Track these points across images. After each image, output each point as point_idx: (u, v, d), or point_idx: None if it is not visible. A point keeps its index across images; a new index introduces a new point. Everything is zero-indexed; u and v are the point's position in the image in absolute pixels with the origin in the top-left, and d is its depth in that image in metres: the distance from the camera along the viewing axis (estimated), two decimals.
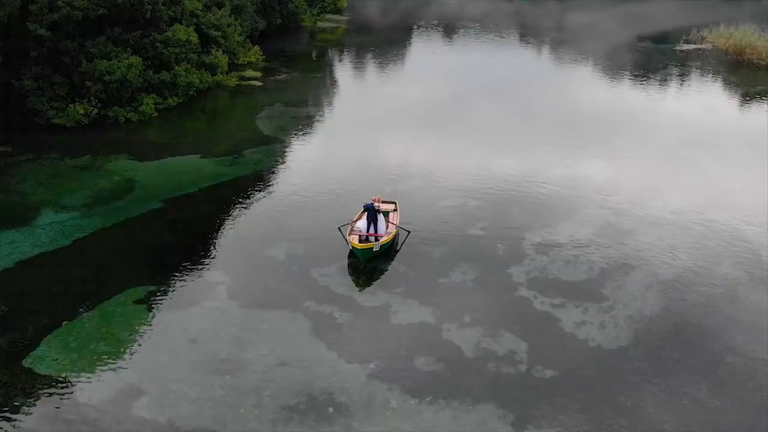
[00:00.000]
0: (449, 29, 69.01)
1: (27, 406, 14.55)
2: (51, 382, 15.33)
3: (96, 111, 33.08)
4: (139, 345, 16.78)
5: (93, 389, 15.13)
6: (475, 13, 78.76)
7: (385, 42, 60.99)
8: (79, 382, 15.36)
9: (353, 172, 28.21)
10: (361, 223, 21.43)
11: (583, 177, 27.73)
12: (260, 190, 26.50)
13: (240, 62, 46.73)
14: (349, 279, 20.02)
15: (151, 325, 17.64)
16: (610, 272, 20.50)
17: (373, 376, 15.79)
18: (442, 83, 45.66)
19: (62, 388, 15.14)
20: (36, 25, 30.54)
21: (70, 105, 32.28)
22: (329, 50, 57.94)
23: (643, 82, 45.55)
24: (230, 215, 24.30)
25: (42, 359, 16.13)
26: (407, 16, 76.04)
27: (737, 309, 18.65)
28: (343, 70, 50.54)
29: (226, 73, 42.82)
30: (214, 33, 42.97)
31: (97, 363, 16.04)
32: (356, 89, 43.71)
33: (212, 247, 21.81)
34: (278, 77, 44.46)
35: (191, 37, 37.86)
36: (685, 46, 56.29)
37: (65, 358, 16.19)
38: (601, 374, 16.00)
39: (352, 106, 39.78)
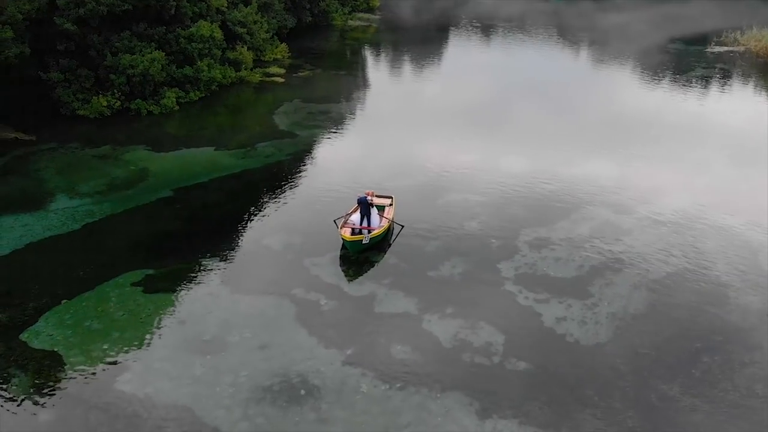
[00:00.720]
0: (482, 29, 68.91)
1: (16, 377, 15.41)
2: (42, 355, 16.18)
3: (119, 103, 34.32)
4: (130, 324, 17.53)
5: (80, 363, 15.92)
6: (508, 13, 78.51)
7: (415, 40, 61.46)
8: (69, 356, 16.17)
9: (360, 168, 28.69)
10: (355, 217, 21.85)
11: (590, 176, 27.65)
12: (267, 183, 27.16)
13: (266, 59, 47.68)
14: (339, 269, 20.48)
15: (143, 306, 18.38)
16: (600, 270, 20.50)
17: (348, 361, 16.21)
18: (467, 82, 45.90)
19: (52, 361, 15.96)
20: (63, 20, 31.83)
21: (94, 97, 33.52)
22: (357, 48, 58.46)
23: (667, 84, 44.89)
24: (235, 205, 25.04)
25: (38, 334, 17.02)
26: (440, 16, 76.23)
27: (724, 310, 18.49)
28: (368, 68, 51.05)
29: (251, 69, 43.82)
30: (239, 30, 43.92)
31: (88, 339, 16.84)
32: (378, 86, 44.07)
33: (213, 236, 22.53)
34: (301, 74, 45.23)
35: (215, 33, 38.83)
36: (717, 48, 55.14)
37: (59, 334, 17.05)
38: (573, 369, 16.10)
39: (371, 102, 40.20)
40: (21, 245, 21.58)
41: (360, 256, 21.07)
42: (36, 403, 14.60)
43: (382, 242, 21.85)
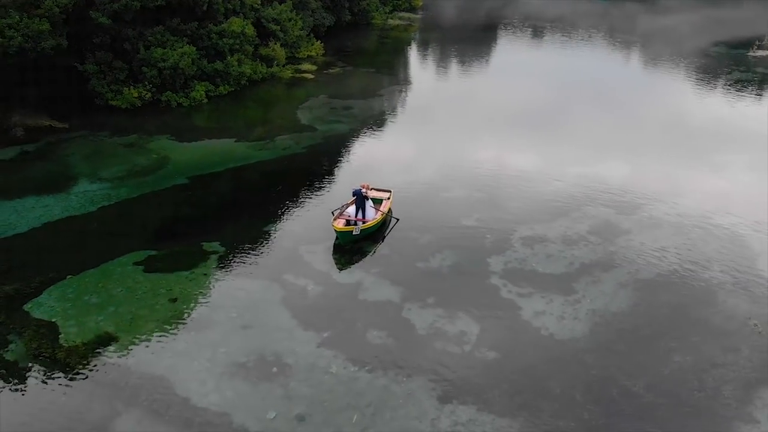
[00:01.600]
0: (525, 29, 68.67)
1: (12, 342, 16.55)
2: (40, 324, 17.31)
3: (150, 95, 35.77)
4: (126, 300, 18.52)
5: (74, 334, 16.97)
6: (554, 14, 77.95)
7: (455, 40, 61.69)
8: (64, 327, 17.25)
9: (369, 162, 29.29)
10: (351, 209, 22.43)
11: (601, 175, 27.58)
12: (278, 174, 28.03)
13: (300, 55, 48.71)
14: (331, 257, 21.10)
15: (141, 284, 19.38)
16: (589, 268, 20.54)
17: (323, 344, 16.81)
18: (502, 82, 46.10)
19: (48, 330, 17.06)
20: (98, 14, 33.41)
21: (125, 88, 35.06)
22: (392, 47, 58.98)
23: (702, 86, 43.93)
24: (243, 194, 25.97)
25: (40, 305, 18.18)
26: (485, 15, 76.28)
27: (709, 312, 18.32)
28: (400, 67, 51.50)
29: (283, 65, 44.91)
30: (273, 27, 45.07)
31: (85, 312, 17.91)
32: (407, 84, 44.49)
33: (217, 221, 23.45)
34: (332, 71, 46.08)
35: (246, 30, 40.00)
36: (759, 52, 53.53)
37: (59, 306, 18.17)
38: (542, 362, 16.30)
39: (396, 100, 40.64)
40: (38, 224, 22.93)
41: (354, 246, 21.63)
42: (25, 368, 15.69)
43: (377, 233, 22.37)
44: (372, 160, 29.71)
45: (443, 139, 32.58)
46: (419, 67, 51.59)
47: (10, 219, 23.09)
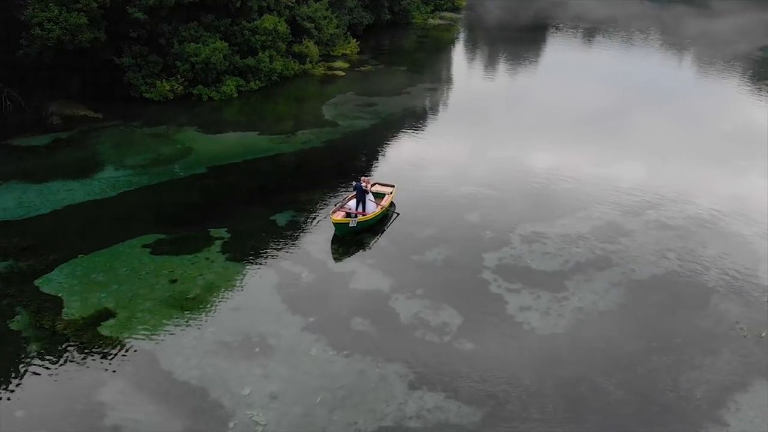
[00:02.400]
0: (572, 30, 68.01)
1: (18, 314, 17.64)
2: (46, 298, 18.38)
3: (182, 88, 37.07)
4: (129, 279, 19.48)
5: (76, 308, 17.98)
6: (601, 16, 76.99)
7: (496, 40, 61.80)
8: (68, 301, 18.28)
9: (383, 158, 29.79)
10: (353, 202, 22.95)
11: (613, 177, 27.41)
12: (294, 165, 28.83)
13: (334, 53, 49.54)
14: (330, 247, 21.65)
15: (146, 265, 20.33)
16: (584, 267, 20.54)
17: (308, 328, 17.38)
18: (535, 82, 45.92)
19: (52, 304, 18.11)
20: (135, 9, 34.85)
21: (158, 81, 36.45)
22: (429, 46, 59.27)
23: (744, 90, 42.78)
24: (257, 184, 26.80)
25: (49, 281, 19.30)
26: (529, 16, 75.88)
27: (698, 315, 18.13)
28: (432, 66, 51.71)
29: (316, 63, 45.79)
30: (307, 25, 45.99)
31: (90, 289, 18.93)
32: (436, 83, 44.77)
33: (228, 209, 24.31)
34: (363, 69, 46.73)
35: (278, 27, 40.98)
36: None
37: (67, 283, 19.26)
38: (518, 355, 16.48)
39: (422, 98, 40.91)
40: (60, 207, 24.22)
41: (353, 238, 22.13)
42: (26, 337, 16.74)
43: (378, 226, 22.82)
44: (385, 155, 30.27)
45: (461, 136, 32.86)
46: (452, 66, 51.83)
47: (36, 201, 24.45)
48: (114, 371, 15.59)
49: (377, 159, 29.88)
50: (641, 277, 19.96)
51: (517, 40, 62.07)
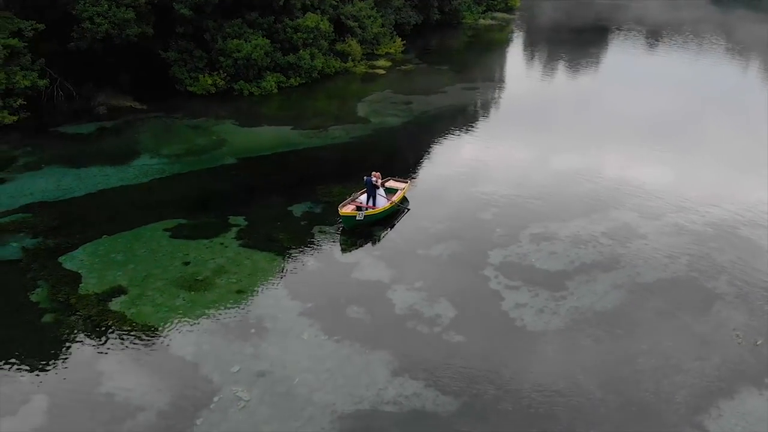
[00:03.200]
0: (628, 34, 66.66)
1: (38, 287, 18.88)
2: (66, 274, 19.61)
3: (224, 83, 38.43)
4: (146, 260, 20.55)
5: (92, 284, 19.13)
6: (660, 19, 75.15)
7: (549, 42, 61.18)
8: (86, 278, 19.45)
9: (406, 154, 30.18)
10: (364, 196, 23.45)
11: (637, 180, 27.04)
12: (320, 159, 29.57)
13: (378, 52, 50.22)
14: (340, 238, 22.22)
15: (164, 247, 21.38)
16: (588, 268, 20.43)
17: (304, 313, 17.99)
18: (582, 85, 45.38)
19: (71, 279, 19.31)
20: (181, 5, 36.36)
21: (201, 76, 37.87)
22: (476, 47, 59.15)
23: None
24: (282, 175, 27.67)
25: (72, 258, 20.57)
26: (588, 18, 74.65)
27: (696, 320, 17.82)
28: (474, 66, 51.43)
29: (359, 61, 46.54)
30: (351, 23, 46.82)
31: (107, 267, 20.08)
32: (474, 83, 44.71)
33: (249, 198, 25.20)
34: (404, 68, 47.23)
35: (320, 25, 41.90)
36: None
37: (88, 260, 20.48)
38: (502, 349, 16.63)
39: (456, 97, 40.99)
40: (94, 190, 25.66)
41: (364, 230, 22.61)
42: (41, 309, 17.93)
43: (389, 220, 23.24)
44: (409, 151, 30.67)
45: (489, 135, 32.96)
46: (495, 67, 51.62)
47: (72, 184, 25.97)
48: (115, 343, 16.56)
49: (400, 155, 30.32)
50: (646, 281, 19.71)
51: (572, 42, 61.28)
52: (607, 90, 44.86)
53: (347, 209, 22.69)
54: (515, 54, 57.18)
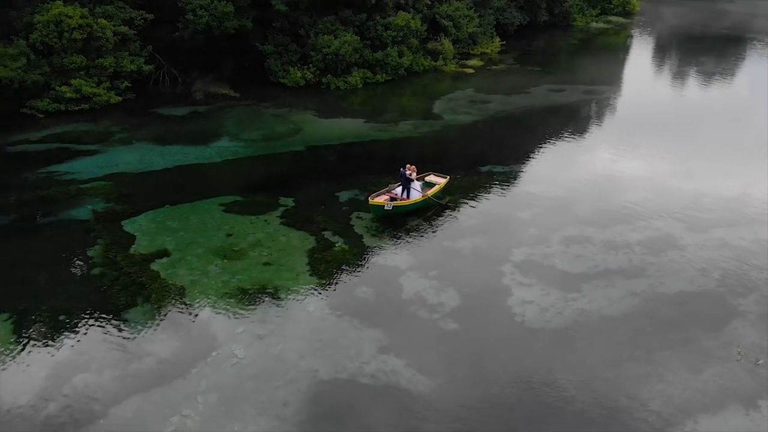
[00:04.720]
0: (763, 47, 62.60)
1: (97, 245, 21.44)
2: (123, 236, 22.11)
3: (313, 77, 40.54)
4: (195, 229, 22.67)
5: (143, 246, 21.45)
6: None
7: (667, 49, 58.40)
8: (139, 240, 21.85)
9: (465, 151, 30.64)
10: (399, 188, 24.29)
11: (696, 192, 25.97)
12: (382, 151, 30.79)
13: (474, 52, 50.49)
14: (372, 225, 23.23)
15: (215, 219, 23.45)
16: (610, 273, 20.15)
17: (315, 290, 19.23)
18: (685, 95, 43.56)
19: (125, 240, 21.78)
20: (277, 1, 38.83)
21: (291, 69, 40.20)
22: (582, 51, 57.58)
23: None
24: (339, 164, 29.16)
25: (133, 223, 23.11)
26: (721, 26, 70.30)
27: (705, 335, 17.23)
28: (569, 69, 49.85)
29: (451, 59, 47.18)
30: (445, 23, 47.51)
31: (160, 232, 22.40)
32: (561, 86, 43.76)
33: (303, 182, 26.82)
34: (494, 68, 47.30)
35: (411, 24, 42.99)
36: None
37: (146, 226, 22.94)
38: (495, 341, 16.99)
39: (537, 99, 40.54)
40: (171, 166, 28.37)
41: (398, 220, 23.45)
42: (93, 263, 20.42)
43: (424, 212, 23.93)
44: (468, 148, 31.15)
45: (553, 137, 32.57)
46: (592, 71, 49.99)
47: (154, 160, 28.86)
48: (145, 298, 18.64)
49: (459, 151, 30.84)
50: (666, 291, 19.18)
51: (695, 51, 58.26)
52: (714, 99, 42.52)
53: (379, 199, 23.68)
54: (617, 58, 55.21)
